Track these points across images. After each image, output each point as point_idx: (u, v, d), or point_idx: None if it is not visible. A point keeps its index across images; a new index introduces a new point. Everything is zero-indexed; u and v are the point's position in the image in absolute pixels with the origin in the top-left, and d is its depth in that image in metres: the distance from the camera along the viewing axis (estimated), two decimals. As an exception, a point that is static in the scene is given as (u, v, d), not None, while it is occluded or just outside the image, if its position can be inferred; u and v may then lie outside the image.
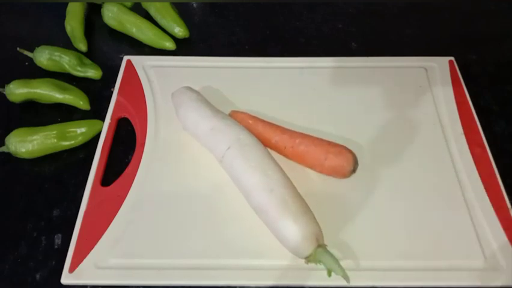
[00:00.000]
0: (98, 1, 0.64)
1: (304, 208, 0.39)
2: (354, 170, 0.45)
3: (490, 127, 0.52)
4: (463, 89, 0.54)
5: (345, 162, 0.44)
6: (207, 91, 0.53)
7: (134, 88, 0.55)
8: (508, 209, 0.44)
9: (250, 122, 0.49)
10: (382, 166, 0.47)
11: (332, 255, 0.37)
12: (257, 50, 0.61)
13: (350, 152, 0.45)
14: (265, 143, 0.47)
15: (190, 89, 0.50)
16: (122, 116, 0.53)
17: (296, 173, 0.47)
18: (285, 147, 0.47)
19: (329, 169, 0.45)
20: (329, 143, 0.46)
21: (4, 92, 0.53)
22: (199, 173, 0.47)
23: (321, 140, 0.46)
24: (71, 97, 0.54)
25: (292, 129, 0.48)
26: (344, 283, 0.39)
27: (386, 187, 0.46)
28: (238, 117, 0.49)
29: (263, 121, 0.49)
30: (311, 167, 0.46)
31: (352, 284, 0.40)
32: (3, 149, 0.49)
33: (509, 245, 0.42)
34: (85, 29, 0.63)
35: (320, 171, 0.46)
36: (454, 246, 0.42)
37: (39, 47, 0.57)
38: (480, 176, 0.46)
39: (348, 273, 0.40)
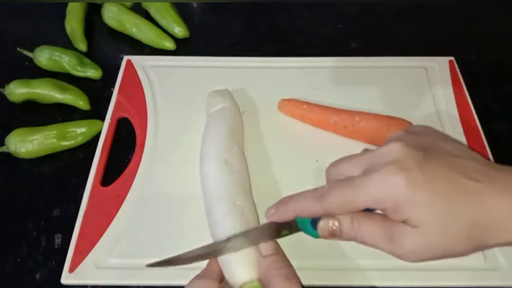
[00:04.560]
0: (98, 1, 0.64)
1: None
2: None
3: (490, 127, 0.52)
4: (463, 89, 0.54)
5: None
6: (207, 91, 0.53)
7: (134, 88, 0.55)
8: (508, 209, 0.44)
9: (304, 107, 0.50)
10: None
11: None
12: (257, 50, 0.61)
13: (408, 122, 0.47)
14: (323, 126, 0.49)
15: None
16: (122, 116, 0.53)
17: (295, 174, 0.47)
18: (345, 127, 0.48)
19: None
20: (387, 117, 0.47)
21: (4, 92, 0.53)
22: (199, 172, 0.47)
23: (378, 114, 0.48)
24: (71, 97, 0.54)
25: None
26: (344, 283, 0.39)
27: (386, 187, 0.46)
28: (291, 104, 0.51)
29: (318, 105, 0.50)
30: (373, 142, 0.47)
31: (352, 284, 0.40)
32: (3, 149, 0.49)
33: (509, 245, 0.42)
34: (85, 29, 0.63)
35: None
36: (454, 246, 0.42)
37: (39, 47, 0.57)
38: (480, 176, 0.46)
39: (348, 273, 0.40)
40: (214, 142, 0.43)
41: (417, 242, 0.27)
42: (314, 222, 0.31)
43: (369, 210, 0.30)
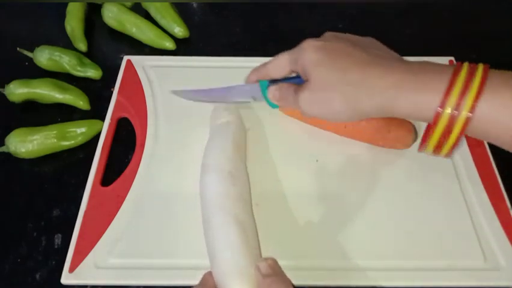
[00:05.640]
0: (98, 1, 0.64)
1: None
2: (415, 139, 0.47)
3: (490, 127, 0.51)
4: (463, 89, 0.54)
5: (408, 132, 0.46)
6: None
7: (134, 88, 0.55)
8: (508, 209, 0.44)
9: None
10: (382, 166, 0.47)
11: None
12: (257, 50, 0.61)
13: (409, 122, 0.47)
14: (323, 126, 0.49)
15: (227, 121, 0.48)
16: (122, 116, 0.53)
17: (295, 174, 0.47)
18: (345, 126, 0.48)
19: (393, 141, 0.47)
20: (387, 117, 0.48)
21: (4, 92, 0.53)
22: (199, 173, 0.47)
23: None
24: (71, 97, 0.54)
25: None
26: (344, 283, 0.39)
27: (386, 187, 0.46)
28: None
29: None
30: (373, 142, 0.48)
31: (352, 284, 0.40)
32: (3, 149, 0.49)
33: (509, 245, 0.42)
34: (85, 29, 0.63)
35: (383, 145, 0.48)
36: (454, 246, 0.42)
37: (39, 47, 0.57)
38: (480, 176, 0.46)
39: (349, 273, 0.40)
40: (219, 154, 0.43)
41: (308, 92, 0.36)
42: None
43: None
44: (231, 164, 0.42)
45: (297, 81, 0.40)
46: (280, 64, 0.40)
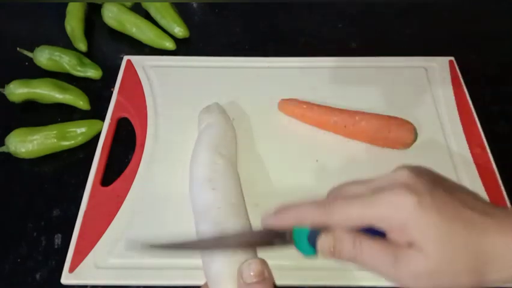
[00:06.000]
0: (98, 1, 0.64)
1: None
2: (415, 139, 0.47)
3: (490, 127, 0.51)
4: (463, 89, 0.54)
5: (408, 132, 0.47)
6: (207, 91, 0.54)
7: (134, 88, 0.55)
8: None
9: (305, 106, 0.50)
10: (382, 166, 0.47)
11: None
12: (257, 50, 0.61)
13: (409, 122, 0.47)
14: (323, 125, 0.49)
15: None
16: (122, 116, 0.53)
17: (295, 174, 0.47)
18: (345, 126, 0.48)
19: (393, 141, 0.47)
20: (388, 117, 0.48)
21: (4, 92, 0.54)
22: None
23: (378, 114, 0.48)
24: (71, 97, 0.54)
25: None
26: (343, 283, 0.39)
27: (386, 187, 0.46)
28: (291, 104, 0.51)
29: (318, 105, 0.50)
30: (373, 142, 0.48)
31: (352, 284, 0.40)
32: (3, 149, 0.49)
33: (509, 245, 0.42)
34: (85, 29, 0.63)
35: (383, 145, 0.48)
36: (454, 246, 0.42)
37: (39, 47, 0.57)
38: (480, 176, 0.46)
39: (349, 273, 0.40)
40: (196, 161, 0.43)
41: (422, 265, 0.27)
42: (312, 238, 0.30)
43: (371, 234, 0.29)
44: (208, 168, 0.41)
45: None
46: (357, 217, 0.29)
